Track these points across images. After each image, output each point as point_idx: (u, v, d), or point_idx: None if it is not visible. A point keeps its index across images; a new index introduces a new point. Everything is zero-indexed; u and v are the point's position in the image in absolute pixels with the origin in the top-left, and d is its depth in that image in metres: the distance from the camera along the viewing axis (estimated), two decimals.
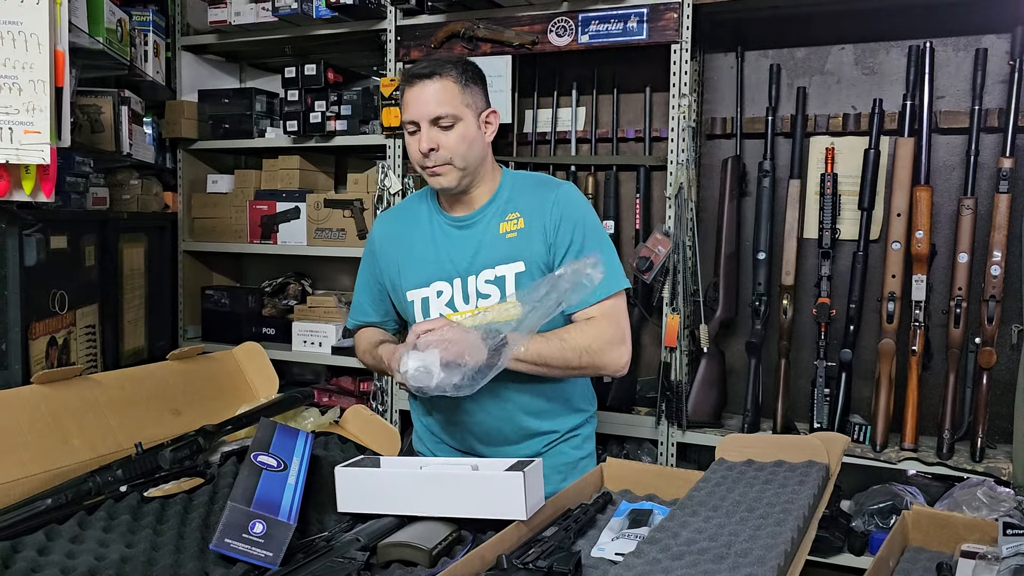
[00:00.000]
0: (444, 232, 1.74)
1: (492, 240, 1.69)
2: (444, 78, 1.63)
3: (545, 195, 1.71)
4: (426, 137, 1.63)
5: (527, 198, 1.72)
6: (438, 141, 1.63)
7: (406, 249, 1.77)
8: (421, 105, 1.63)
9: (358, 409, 1.78)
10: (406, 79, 1.66)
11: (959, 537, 1.33)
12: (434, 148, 1.63)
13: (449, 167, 1.65)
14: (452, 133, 1.63)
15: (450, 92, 1.63)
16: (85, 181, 2.75)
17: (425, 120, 1.63)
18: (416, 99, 1.63)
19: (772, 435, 2.58)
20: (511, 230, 1.70)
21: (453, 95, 1.63)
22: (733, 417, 2.88)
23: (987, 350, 2.45)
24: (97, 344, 2.82)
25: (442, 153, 1.63)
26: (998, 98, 2.55)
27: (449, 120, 1.63)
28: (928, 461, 2.49)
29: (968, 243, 2.47)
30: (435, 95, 1.62)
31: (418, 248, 1.75)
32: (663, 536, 1.10)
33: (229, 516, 1.13)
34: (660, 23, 2.64)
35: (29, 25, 1.78)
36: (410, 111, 1.64)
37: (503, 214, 1.71)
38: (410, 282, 1.75)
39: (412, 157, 1.68)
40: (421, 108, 1.63)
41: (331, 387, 3.41)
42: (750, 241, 2.81)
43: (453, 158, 1.64)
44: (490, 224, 1.71)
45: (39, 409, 1.40)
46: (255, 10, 3.18)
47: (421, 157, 1.65)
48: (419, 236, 1.76)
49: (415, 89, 1.63)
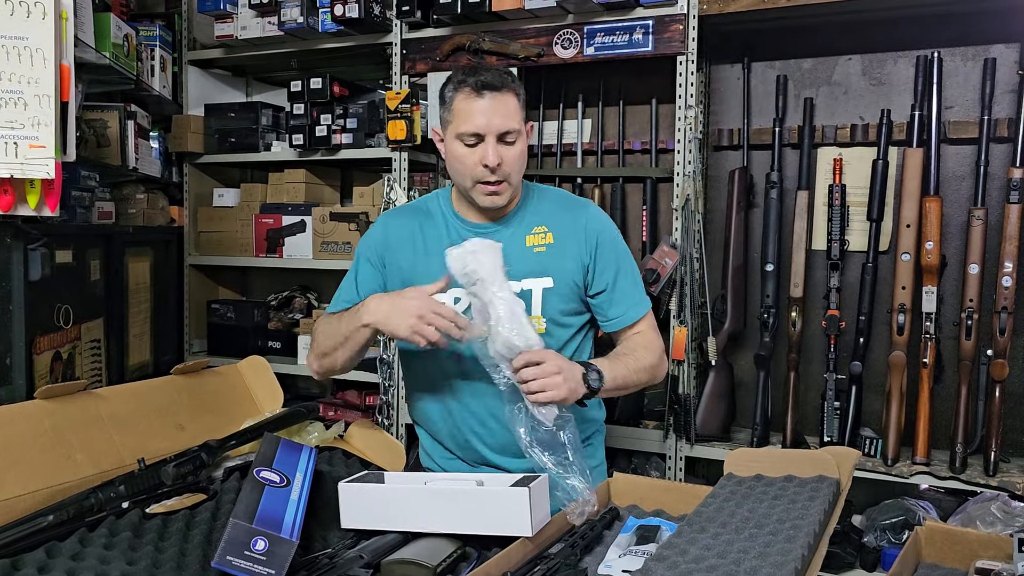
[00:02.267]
0: (462, 238, 1.66)
1: (518, 252, 1.64)
2: (509, 91, 1.57)
3: (576, 214, 1.69)
4: (494, 152, 1.55)
5: (555, 214, 1.69)
6: (502, 156, 1.56)
7: (421, 250, 1.69)
8: (491, 117, 1.55)
9: (363, 423, 1.76)
10: (469, 86, 1.56)
11: (973, 553, 1.31)
12: (500, 164, 1.56)
13: (506, 185, 1.59)
14: (513, 149, 1.58)
15: (514, 106, 1.58)
16: (91, 195, 2.76)
17: (493, 134, 1.55)
18: (484, 111, 1.55)
19: (781, 449, 2.56)
20: (539, 244, 1.66)
21: (516, 109, 1.58)
22: (742, 431, 2.85)
23: (999, 362, 2.42)
24: (102, 358, 2.82)
25: (504, 169, 1.57)
26: (1007, 108, 2.53)
27: (514, 136, 1.57)
28: (941, 475, 2.46)
29: (979, 254, 2.45)
30: (504, 109, 1.56)
31: (434, 250, 1.66)
32: (671, 553, 1.08)
33: (231, 533, 1.12)
34: (666, 35, 2.63)
35: (35, 40, 1.79)
36: (475, 123, 1.55)
37: (529, 226, 1.67)
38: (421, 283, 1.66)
39: (466, 171, 1.58)
40: (491, 121, 1.55)
41: (337, 401, 3.40)
42: (758, 253, 2.79)
43: (511, 175, 1.59)
44: (515, 235, 1.67)
45: (42, 424, 1.39)
46: (261, 24, 3.19)
47: (482, 171, 1.57)
48: (435, 239, 1.68)
49: (483, 101, 1.55)
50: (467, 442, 1.70)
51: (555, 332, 1.66)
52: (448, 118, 1.61)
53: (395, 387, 3.11)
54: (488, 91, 1.55)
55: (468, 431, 1.68)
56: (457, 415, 1.69)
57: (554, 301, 1.64)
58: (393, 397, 3.11)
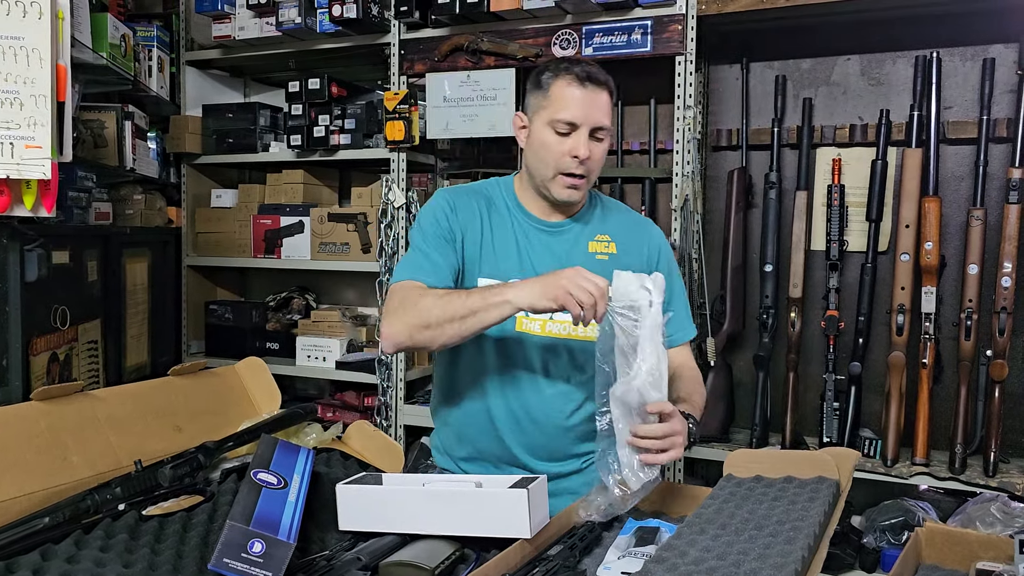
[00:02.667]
0: (524, 231, 1.65)
1: (581, 256, 1.63)
2: (608, 89, 1.58)
3: (642, 230, 1.72)
4: (586, 144, 1.54)
5: (620, 226, 1.70)
6: (591, 150, 1.56)
7: (488, 233, 1.64)
8: (591, 109, 1.54)
9: (361, 425, 1.75)
10: (573, 75, 1.55)
11: (974, 555, 1.30)
12: (589, 157, 1.56)
13: (586, 181, 1.59)
14: (602, 146, 1.58)
15: (609, 104, 1.58)
16: (88, 196, 2.75)
17: (589, 126, 1.55)
18: (585, 102, 1.54)
19: (781, 450, 2.56)
20: (602, 252, 1.66)
21: (610, 109, 1.59)
22: (741, 431, 2.85)
23: (999, 362, 2.42)
24: (99, 360, 2.81)
25: (589, 164, 1.57)
26: (1007, 108, 2.53)
27: (604, 134, 1.57)
28: (940, 476, 2.45)
29: (978, 254, 2.44)
30: (605, 104, 1.57)
31: (499, 237, 1.64)
32: (670, 555, 1.07)
33: (228, 535, 1.11)
34: (664, 35, 2.63)
35: (31, 40, 1.78)
36: (574, 112, 1.54)
37: (592, 233, 1.67)
38: (486, 269, 1.63)
39: (552, 158, 1.56)
40: (591, 112, 1.54)
41: (335, 402, 3.39)
42: (757, 253, 2.79)
43: (592, 172, 1.59)
44: (579, 239, 1.66)
45: (38, 426, 1.38)
46: (259, 25, 3.18)
47: (569, 161, 1.55)
48: (499, 225, 1.66)
49: (587, 92, 1.55)
50: (501, 440, 1.66)
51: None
52: (542, 103, 1.57)
53: (393, 388, 3.10)
54: (591, 83, 1.55)
55: (505, 429, 1.65)
56: (496, 412, 1.65)
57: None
58: (391, 398, 3.10)
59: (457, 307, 1.44)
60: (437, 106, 2.95)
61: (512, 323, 1.61)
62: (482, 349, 1.63)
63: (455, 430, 1.74)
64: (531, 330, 1.62)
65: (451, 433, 1.75)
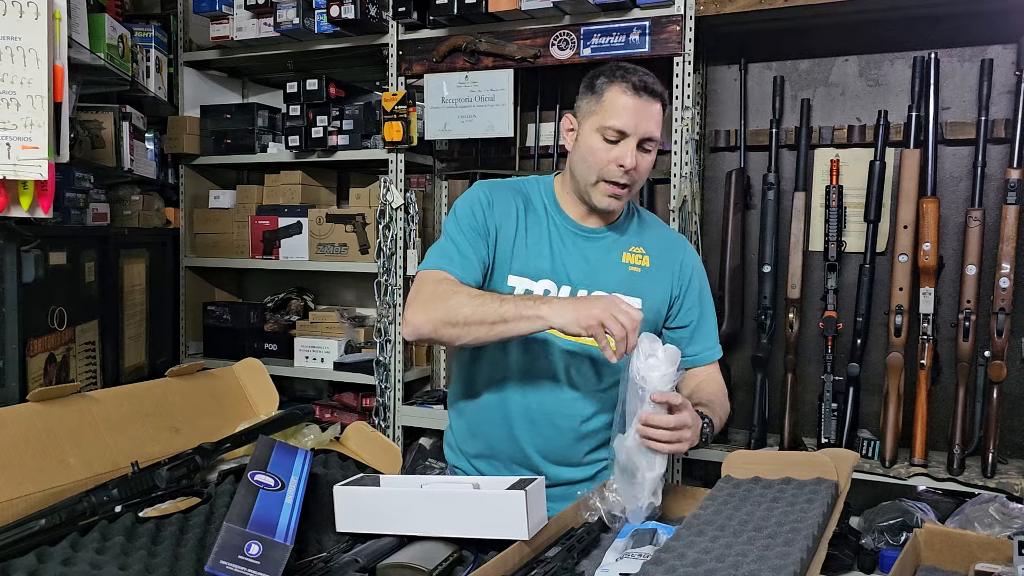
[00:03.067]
0: (560, 233, 1.65)
1: (613, 265, 1.64)
2: (661, 101, 1.57)
3: (676, 245, 1.73)
4: (633, 154, 1.53)
5: (655, 239, 1.70)
6: (638, 161, 1.55)
7: (522, 230, 1.64)
8: (643, 119, 1.54)
9: (359, 426, 1.75)
10: (628, 83, 1.54)
11: (973, 556, 1.30)
12: (635, 167, 1.55)
13: (628, 191, 1.58)
14: (648, 157, 1.57)
15: (660, 117, 1.57)
16: (85, 197, 2.74)
17: (639, 136, 1.54)
18: (638, 111, 1.53)
19: (779, 451, 2.55)
20: (635, 263, 1.66)
21: (661, 121, 1.58)
22: (739, 432, 2.85)
23: (997, 363, 2.42)
24: (97, 361, 2.81)
25: (634, 175, 1.56)
26: (1004, 109, 2.53)
27: (652, 145, 1.57)
28: (938, 477, 2.45)
29: (976, 255, 2.44)
30: (657, 116, 1.56)
31: (533, 236, 1.64)
32: (669, 557, 1.07)
33: (224, 537, 1.11)
34: (662, 36, 2.62)
35: (27, 40, 1.77)
36: (624, 120, 1.53)
37: (627, 244, 1.67)
38: (518, 266, 1.62)
39: (597, 165, 1.55)
40: (642, 122, 1.53)
41: (333, 403, 3.39)
42: (755, 254, 2.79)
43: (636, 183, 1.58)
44: (613, 247, 1.66)
45: (35, 427, 1.38)
46: (257, 26, 3.18)
47: (614, 170, 1.54)
48: (535, 224, 1.65)
49: (640, 101, 1.54)
50: (515, 439, 1.65)
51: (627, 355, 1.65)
52: (594, 108, 1.56)
53: (391, 390, 3.10)
54: (646, 94, 1.54)
55: (520, 428, 1.65)
56: (512, 409, 1.65)
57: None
58: (389, 400, 3.10)
59: (489, 312, 1.44)
60: (435, 107, 2.94)
61: None
62: (506, 347, 1.62)
63: (469, 424, 1.73)
64: (558, 333, 1.62)
65: (465, 426, 1.74)
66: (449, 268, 1.55)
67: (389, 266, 3.07)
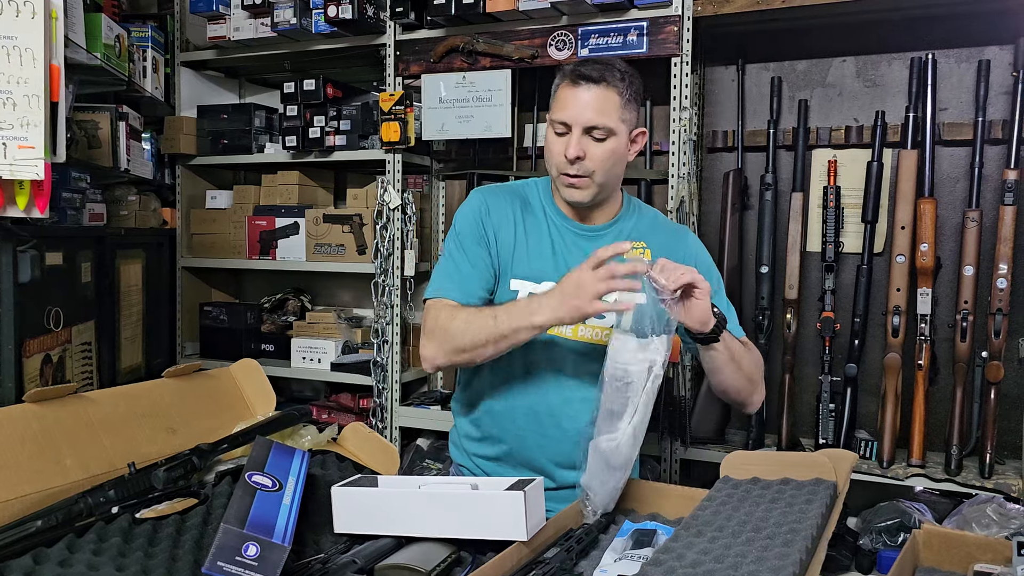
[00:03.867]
0: (560, 233, 1.65)
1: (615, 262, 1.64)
2: (610, 87, 1.52)
3: (677, 238, 1.70)
4: (575, 144, 1.52)
5: (656, 234, 1.68)
6: (586, 150, 1.53)
7: (521, 234, 1.64)
8: (580, 109, 1.52)
9: (357, 427, 1.74)
10: (568, 75, 1.55)
11: (971, 557, 1.30)
12: (580, 157, 1.53)
13: (588, 180, 1.56)
14: (602, 146, 1.54)
15: (612, 103, 1.53)
16: (82, 197, 2.74)
17: (580, 126, 1.52)
18: (576, 101, 1.52)
19: (777, 452, 2.55)
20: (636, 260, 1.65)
21: (614, 107, 1.53)
22: (737, 433, 2.85)
23: (994, 364, 2.42)
24: (93, 361, 2.80)
25: (587, 164, 1.54)
26: (1002, 110, 2.53)
27: (603, 132, 1.53)
28: (936, 477, 2.45)
29: (973, 256, 2.44)
30: (598, 102, 1.52)
31: (533, 239, 1.64)
32: (668, 558, 1.06)
33: (222, 538, 1.10)
34: (660, 36, 2.62)
35: (24, 40, 1.77)
36: (565, 111, 1.53)
37: (627, 240, 1.63)
38: (518, 270, 1.63)
39: (552, 159, 1.57)
40: (579, 112, 1.52)
41: (330, 404, 3.38)
42: (752, 255, 2.79)
43: (596, 172, 1.55)
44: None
45: (31, 428, 1.37)
46: (254, 26, 3.17)
47: (563, 162, 1.55)
48: (534, 227, 1.65)
49: (578, 90, 1.53)
50: (523, 442, 1.64)
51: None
52: (551, 105, 1.59)
53: (389, 390, 3.10)
54: (584, 82, 1.52)
55: (527, 432, 1.64)
56: (517, 412, 1.64)
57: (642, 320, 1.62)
58: (387, 400, 3.10)
59: (487, 332, 1.48)
60: (433, 107, 2.94)
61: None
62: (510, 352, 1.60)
63: (475, 425, 1.72)
64: (563, 333, 1.61)
65: (470, 427, 1.73)
66: (449, 293, 1.58)
67: (386, 267, 3.06)
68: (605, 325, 1.60)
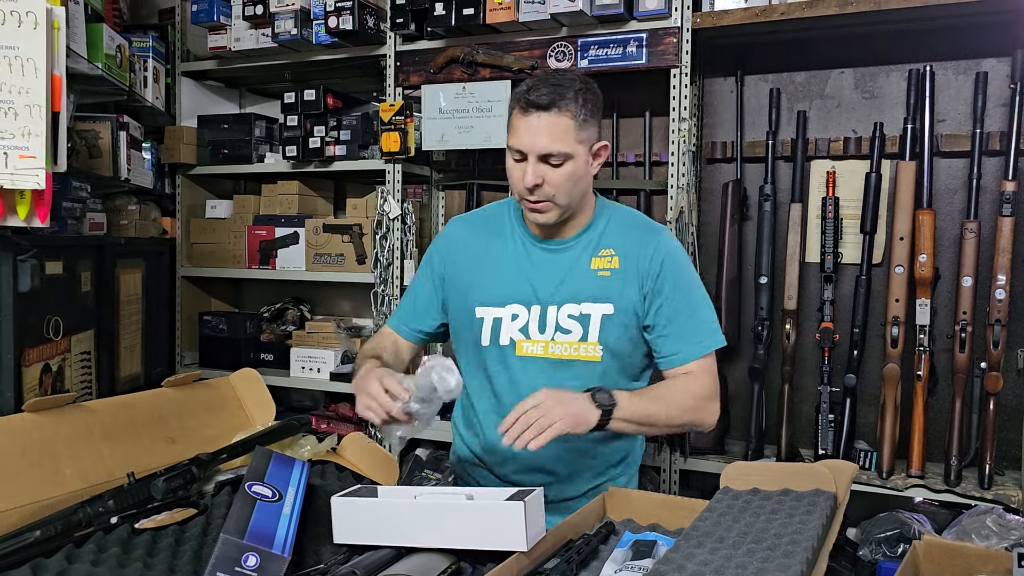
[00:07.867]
0: (527, 252, 1.64)
1: (582, 273, 1.61)
2: (562, 113, 1.49)
3: (645, 239, 1.63)
4: (532, 172, 1.50)
5: (624, 237, 1.64)
6: (544, 177, 1.51)
7: (482, 261, 1.66)
8: (532, 137, 1.50)
9: (356, 437, 1.75)
10: (520, 103, 1.51)
11: (972, 568, 1.30)
12: (539, 184, 1.51)
13: (550, 204, 1.54)
14: (560, 171, 1.51)
15: (565, 128, 1.49)
16: (82, 206, 2.74)
17: (535, 153, 1.50)
18: (527, 129, 1.50)
19: (777, 463, 2.55)
20: (604, 267, 1.61)
21: (568, 132, 1.50)
22: (736, 443, 2.84)
23: (993, 375, 2.42)
24: (92, 371, 2.79)
25: (546, 190, 1.52)
26: (999, 121, 2.54)
27: (559, 158, 1.50)
28: (935, 488, 2.45)
29: (972, 267, 2.45)
30: (550, 130, 1.49)
31: (497, 264, 1.65)
32: (668, 569, 1.06)
33: (221, 548, 1.10)
34: (659, 47, 2.63)
35: (26, 50, 1.77)
36: (520, 140, 1.51)
37: (596, 248, 1.62)
38: (482, 298, 1.64)
39: (513, 184, 1.57)
40: (532, 140, 1.50)
41: (329, 414, 3.38)
42: (751, 265, 2.79)
43: (556, 195, 1.53)
44: (581, 255, 1.62)
45: (30, 438, 1.37)
46: (255, 36, 3.18)
47: (523, 189, 1.53)
48: (500, 251, 1.66)
49: (529, 118, 1.50)
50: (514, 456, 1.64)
51: (610, 361, 1.61)
52: (507, 127, 1.57)
53: None
54: (535, 110, 1.49)
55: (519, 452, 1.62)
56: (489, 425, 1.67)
57: (612, 329, 1.59)
58: None
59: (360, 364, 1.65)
60: (432, 117, 2.95)
61: (513, 348, 1.62)
62: (488, 376, 1.65)
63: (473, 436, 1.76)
64: (534, 353, 1.62)
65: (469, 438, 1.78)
66: (390, 320, 1.80)
67: (386, 276, 3.07)
68: (572, 340, 1.61)
